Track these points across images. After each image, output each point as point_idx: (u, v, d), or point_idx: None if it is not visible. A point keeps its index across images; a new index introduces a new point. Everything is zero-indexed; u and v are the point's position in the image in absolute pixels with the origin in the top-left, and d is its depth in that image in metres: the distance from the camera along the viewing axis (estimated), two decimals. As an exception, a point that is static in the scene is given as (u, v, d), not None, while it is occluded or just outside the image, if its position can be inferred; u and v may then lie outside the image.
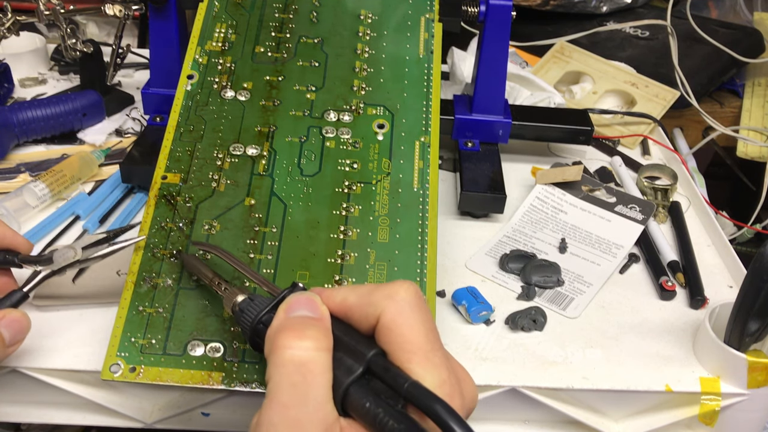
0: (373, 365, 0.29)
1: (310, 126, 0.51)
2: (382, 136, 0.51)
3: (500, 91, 0.62)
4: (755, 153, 0.81)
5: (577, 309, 0.51)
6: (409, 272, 0.44)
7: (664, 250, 0.57)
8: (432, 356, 0.29)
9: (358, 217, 0.47)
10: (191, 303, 0.42)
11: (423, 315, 0.30)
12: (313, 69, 0.54)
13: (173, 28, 0.60)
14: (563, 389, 0.45)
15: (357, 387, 0.29)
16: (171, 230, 0.45)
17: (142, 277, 0.43)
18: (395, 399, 0.29)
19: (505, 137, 0.64)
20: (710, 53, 0.86)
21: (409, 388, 0.28)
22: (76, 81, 0.80)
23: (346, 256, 0.45)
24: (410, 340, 0.29)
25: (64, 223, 0.57)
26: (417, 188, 0.48)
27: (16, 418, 0.46)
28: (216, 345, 0.40)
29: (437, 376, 0.29)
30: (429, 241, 0.46)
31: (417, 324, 0.30)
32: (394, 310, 0.30)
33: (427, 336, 0.30)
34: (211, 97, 0.52)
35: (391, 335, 0.30)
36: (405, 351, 0.29)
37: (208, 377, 0.39)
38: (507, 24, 0.59)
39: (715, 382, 0.45)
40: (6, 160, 0.65)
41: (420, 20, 0.58)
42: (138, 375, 0.39)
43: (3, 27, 0.70)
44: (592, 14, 0.96)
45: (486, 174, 0.60)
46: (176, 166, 0.48)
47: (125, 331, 0.41)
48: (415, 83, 0.54)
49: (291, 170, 0.48)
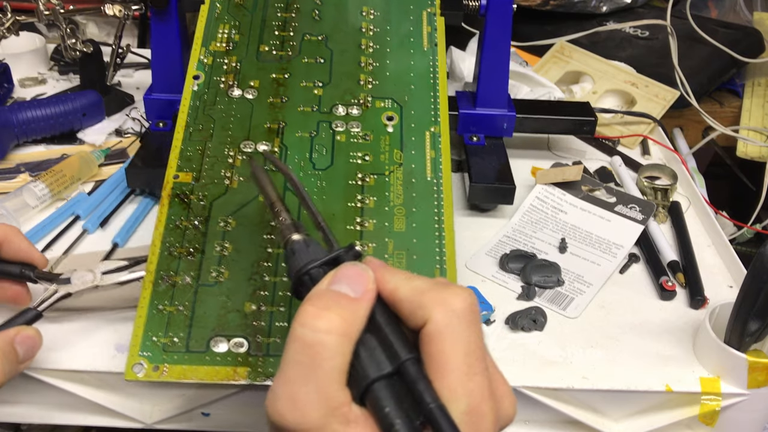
0: (405, 370, 0.28)
1: (319, 121, 0.51)
2: (392, 128, 0.51)
3: (503, 84, 0.63)
4: (755, 153, 0.81)
5: (577, 309, 0.51)
6: (428, 260, 0.45)
7: (664, 250, 0.57)
8: (467, 381, 0.28)
9: (373, 208, 0.47)
10: (211, 299, 0.42)
11: (470, 332, 0.28)
12: (318, 65, 0.55)
13: (174, 32, 0.60)
14: (563, 389, 0.45)
15: (381, 386, 0.28)
16: (186, 228, 0.45)
17: (160, 276, 0.43)
18: (416, 411, 0.27)
19: (510, 131, 0.64)
20: (710, 53, 0.86)
21: (433, 410, 0.26)
22: (76, 81, 0.80)
23: (365, 246, 0.45)
24: (449, 359, 0.28)
25: (64, 223, 0.57)
26: (430, 177, 0.49)
27: (16, 418, 0.46)
28: (239, 340, 0.40)
29: (465, 404, 0.27)
30: (446, 229, 0.46)
31: (461, 341, 0.28)
32: (441, 320, 0.28)
33: (467, 357, 0.28)
34: (219, 96, 0.52)
35: (432, 346, 0.28)
36: (440, 368, 0.28)
37: (233, 373, 0.39)
38: (508, 17, 0.60)
39: (715, 382, 0.45)
40: (6, 160, 0.65)
41: (422, 14, 0.58)
42: (162, 374, 0.39)
43: (3, 27, 0.70)
44: (592, 14, 0.96)
45: (494, 166, 0.60)
46: (188, 165, 0.48)
47: (146, 330, 0.40)
48: (421, 75, 0.54)
49: (303, 165, 0.49)
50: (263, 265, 0.43)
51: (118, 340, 0.46)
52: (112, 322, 0.47)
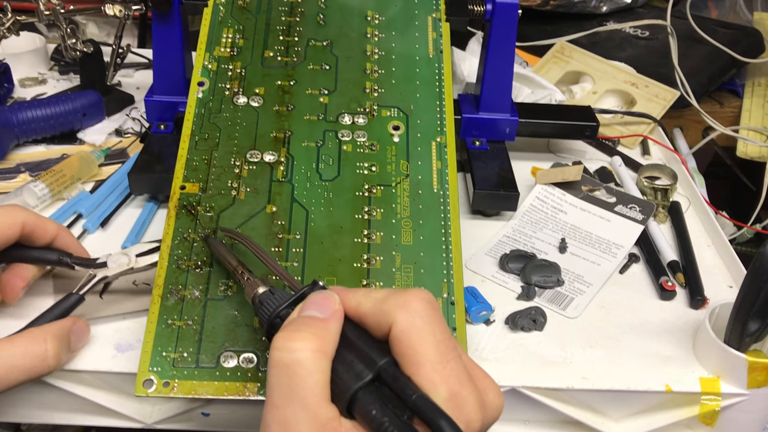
0: (384, 373, 0.29)
1: (325, 130, 0.51)
2: (398, 138, 0.51)
3: (507, 89, 0.63)
4: (755, 153, 0.81)
5: (577, 309, 0.51)
6: (435, 274, 0.44)
7: (664, 250, 0.57)
8: (441, 369, 0.29)
9: (380, 220, 0.46)
10: (220, 314, 0.42)
11: (435, 326, 0.30)
12: (324, 72, 0.54)
13: (177, 34, 0.60)
14: (563, 389, 0.45)
15: (365, 393, 0.29)
16: (194, 241, 0.45)
17: (169, 290, 0.42)
18: (403, 409, 0.29)
19: (512, 135, 0.64)
20: (710, 53, 0.86)
21: (416, 400, 0.28)
22: (76, 81, 0.80)
23: (372, 260, 0.45)
24: (420, 352, 0.29)
25: (66, 222, 0.57)
26: (437, 189, 0.48)
27: (16, 417, 0.46)
28: (249, 356, 0.40)
29: (446, 390, 0.29)
30: (453, 242, 0.46)
31: (428, 335, 0.30)
32: (405, 321, 0.30)
33: (438, 348, 0.30)
34: (224, 104, 0.52)
35: (402, 346, 0.30)
36: (414, 363, 0.29)
37: (243, 388, 0.39)
38: (513, 23, 0.60)
39: (715, 382, 0.45)
40: (6, 160, 0.65)
41: (427, 20, 0.58)
42: (172, 390, 0.39)
43: (3, 27, 0.70)
44: (592, 14, 0.96)
45: (496, 172, 0.60)
46: (194, 176, 0.48)
47: (156, 345, 0.40)
48: (427, 83, 0.54)
49: (310, 175, 0.48)
50: (271, 279, 0.43)
51: (118, 340, 0.46)
52: (113, 322, 0.47)
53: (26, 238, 0.44)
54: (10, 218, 0.43)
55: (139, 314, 0.47)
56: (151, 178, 0.57)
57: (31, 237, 0.44)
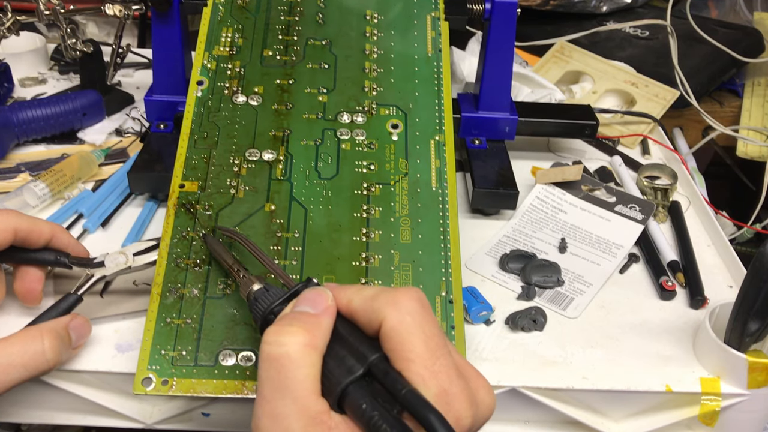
0: (374, 368, 0.30)
1: (324, 128, 0.51)
2: (396, 137, 0.51)
3: (506, 88, 0.63)
4: (755, 153, 0.81)
5: (577, 309, 0.51)
6: (434, 273, 0.44)
7: (664, 250, 0.57)
8: (431, 365, 0.29)
9: (379, 218, 0.46)
10: (219, 312, 0.42)
11: (425, 323, 0.30)
12: (323, 71, 0.54)
13: (176, 33, 0.60)
14: (563, 389, 0.45)
15: (356, 387, 0.29)
16: (193, 239, 0.45)
17: (168, 288, 0.42)
18: (393, 404, 0.29)
19: (512, 134, 0.64)
20: (710, 53, 0.86)
21: (406, 395, 0.28)
22: (76, 81, 0.80)
23: (371, 258, 0.45)
24: (410, 348, 0.30)
25: (67, 221, 0.57)
26: (435, 187, 0.48)
27: (16, 418, 0.46)
28: (247, 354, 0.40)
29: (435, 386, 0.29)
30: (452, 240, 0.46)
31: (417, 332, 0.30)
32: (394, 318, 0.30)
33: (428, 344, 0.30)
34: (223, 102, 0.52)
35: (392, 342, 0.30)
36: (404, 359, 0.30)
37: (242, 387, 0.39)
38: (512, 21, 0.60)
39: (715, 382, 0.45)
40: (6, 159, 0.65)
41: (426, 19, 0.58)
42: (171, 388, 0.39)
43: (3, 27, 0.70)
44: (592, 14, 0.96)
45: (496, 170, 0.60)
46: (193, 174, 0.48)
47: (155, 343, 0.40)
48: (425, 82, 0.54)
49: (309, 174, 0.48)
50: (269, 277, 0.43)
51: (118, 340, 0.46)
52: (113, 322, 0.47)
53: (21, 242, 0.44)
54: (1, 224, 0.43)
55: (139, 314, 0.47)
56: (150, 177, 0.57)
57: (26, 241, 0.44)
